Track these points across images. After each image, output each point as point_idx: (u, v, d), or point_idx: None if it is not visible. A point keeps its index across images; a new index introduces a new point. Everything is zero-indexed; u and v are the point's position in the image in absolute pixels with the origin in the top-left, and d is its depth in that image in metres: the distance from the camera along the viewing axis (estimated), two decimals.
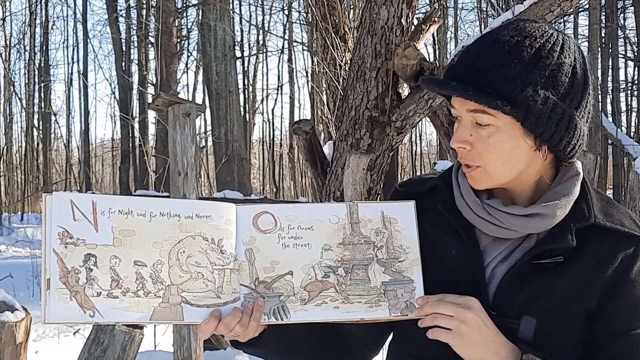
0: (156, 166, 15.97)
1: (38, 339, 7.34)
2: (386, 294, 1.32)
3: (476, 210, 1.37)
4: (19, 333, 2.92)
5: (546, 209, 1.33)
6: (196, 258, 1.30)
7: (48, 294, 1.21)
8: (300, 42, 22.89)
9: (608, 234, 1.35)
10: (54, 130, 27.50)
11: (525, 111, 1.26)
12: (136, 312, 1.24)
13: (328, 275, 1.32)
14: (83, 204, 1.26)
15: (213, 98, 16.04)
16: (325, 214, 1.35)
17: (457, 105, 1.33)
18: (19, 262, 13.13)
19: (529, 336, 1.31)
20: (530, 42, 1.28)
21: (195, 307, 1.28)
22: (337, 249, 1.33)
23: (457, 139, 1.34)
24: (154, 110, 5.14)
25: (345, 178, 4.17)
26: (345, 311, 1.31)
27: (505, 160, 1.31)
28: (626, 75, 23.41)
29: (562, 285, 1.32)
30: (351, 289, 1.31)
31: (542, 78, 1.27)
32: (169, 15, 17.57)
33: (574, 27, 21.90)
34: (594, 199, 1.39)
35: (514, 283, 1.33)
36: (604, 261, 1.33)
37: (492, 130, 1.30)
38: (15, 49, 25.76)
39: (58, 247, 1.23)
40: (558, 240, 1.33)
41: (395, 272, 1.33)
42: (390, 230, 1.35)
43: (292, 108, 26.21)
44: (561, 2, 3.97)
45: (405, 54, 4.01)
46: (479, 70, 1.28)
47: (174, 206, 1.31)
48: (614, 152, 16.33)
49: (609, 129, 10.02)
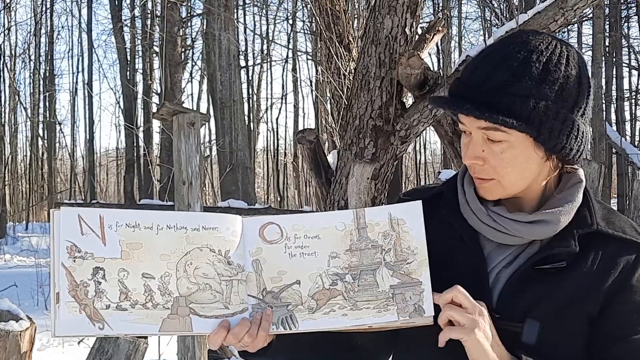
0: (161, 175, 16.01)
1: (43, 348, 7.35)
2: (394, 297, 1.31)
3: (481, 217, 1.39)
4: (24, 342, 2.91)
5: (550, 215, 1.35)
6: (204, 269, 1.31)
7: (57, 307, 1.22)
8: (305, 51, 23.00)
9: (610, 241, 1.37)
10: (58, 139, 27.61)
11: (538, 126, 1.29)
12: (145, 323, 1.25)
13: (336, 283, 1.32)
14: (90, 218, 1.27)
15: (217, 107, 16.05)
16: (331, 222, 1.35)
17: (467, 122, 1.35)
18: (24, 271, 13.14)
19: (532, 340, 1.33)
20: (537, 57, 1.30)
21: (204, 318, 1.29)
22: (344, 255, 1.33)
23: (470, 155, 1.36)
24: (159, 120, 5.15)
25: (349, 187, 4.17)
26: (353, 318, 1.30)
27: (518, 173, 1.34)
28: (630, 84, 23.45)
29: (565, 290, 1.34)
30: (359, 295, 1.31)
31: (552, 92, 1.29)
32: (173, 25, 17.64)
33: (578, 36, 21.93)
34: (596, 207, 1.41)
35: (518, 287, 1.35)
36: (606, 267, 1.35)
37: (505, 146, 1.32)
38: (21, 58, 25.93)
39: (67, 261, 1.24)
40: (561, 246, 1.35)
41: (404, 275, 1.32)
42: (398, 232, 1.34)
43: (296, 117, 26.25)
44: (565, 11, 3.97)
45: (409, 63, 4.01)
46: (489, 90, 1.30)
47: (181, 219, 1.32)
48: (618, 161, 16.31)
49: (613, 138, 10.03)
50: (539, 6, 4.11)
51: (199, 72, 25.25)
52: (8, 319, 2.96)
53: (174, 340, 5.48)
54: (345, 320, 1.30)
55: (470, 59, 1.40)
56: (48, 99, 25.70)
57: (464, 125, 1.36)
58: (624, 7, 20.14)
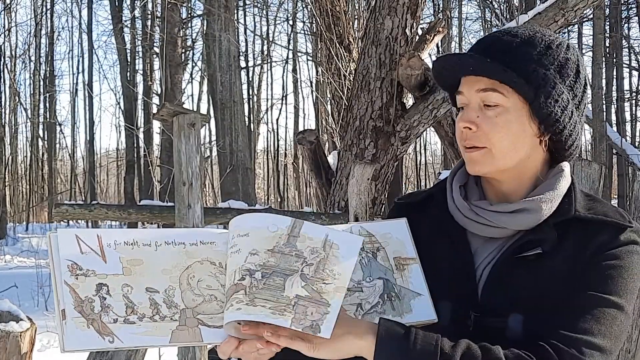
0: (161, 176, 16.02)
1: (43, 349, 7.34)
2: (295, 306, 1.25)
3: (465, 212, 1.41)
4: (24, 343, 2.91)
5: (531, 203, 1.35)
6: (207, 282, 1.31)
7: (64, 323, 1.21)
8: (305, 52, 23.00)
9: (589, 225, 1.35)
10: (59, 140, 27.63)
11: (536, 89, 1.31)
12: (155, 336, 1.25)
13: (244, 278, 1.28)
14: (88, 238, 1.28)
15: (218, 108, 16.06)
16: (265, 223, 1.33)
17: (466, 88, 1.37)
18: (24, 272, 13.14)
19: (518, 333, 1.31)
20: (541, 37, 1.37)
21: (213, 328, 1.29)
22: (264, 254, 1.30)
23: (464, 119, 1.37)
24: (159, 121, 5.15)
25: (349, 188, 4.17)
26: (245, 313, 1.25)
27: (510, 142, 1.34)
28: (630, 85, 23.48)
29: (544, 277, 1.33)
30: (260, 293, 1.27)
31: (552, 65, 1.34)
32: (173, 26, 17.64)
33: (578, 37, 21.95)
34: (579, 197, 1.41)
35: (499, 279, 1.36)
36: (582, 248, 1.33)
37: (500, 110, 1.33)
38: (21, 59, 25.93)
39: (69, 279, 1.24)
40: (538, 233, 1.35)
41: (315, 292, 1.27)
42: (328, 254, 1.30)
43: (296, 118, 26.25)
44: (565, 12, 3.97)
45: (409, 64, 4.02)
46: (495, 50, 1.35)
47: (178, 235, 1.34)
48: (619, 162, 16.31)
49: (614, 138, 10.03)
50: (540, 7, 4.12)
51: (199, 73, 25.28)
52: (8, 319, 2.96)
53: None
54: (237, 315, 1.26)
55: None
56: (48, 99, 25.71)
57: (463, 95, 1.38)
58: (625, 8, 20.17)
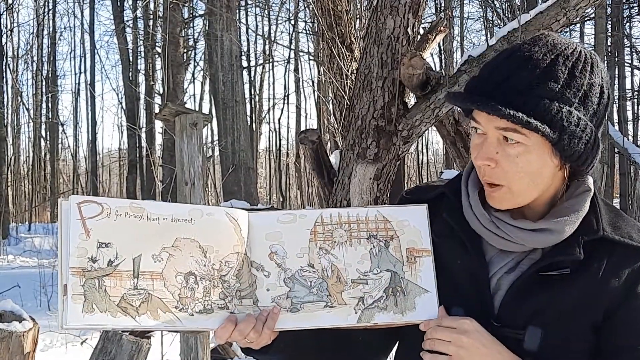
0: (163, 176, 16.00)
1: (45, 349, 7.35)
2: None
3: (484, 222, 1.35)
4: (27, 343, 2.92)
5: (555, 224, 1.31)
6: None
7: (65, 299, 1.20)
8: (307, 51, 22.96)
9: (616, 247, 1.33)
10: (61, 140, 27.63)
11: (560, 132, 1.24)
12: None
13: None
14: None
15: (220, 108, 16.05)
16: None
17: (484, 122, 1.29)
18: (27, 272, 13.13)
19: (534, 347, 1.30)
20: (564, 61, 1.27)
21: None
22: None
23: (482, 156, 1.30)
24: (161, 120, 5.15)
25: (352, 187, 4.17)
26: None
27: (530, 180, 1.29)
28: (632, 84, 23.41)
29: (569, 297, 1.31)
30: None
31: (576, 98, 1.26)
32: (175, 26, 17.64)
33: (580, 36, 21.90)
34: (603, 212, 1.37)
35: (520, 294, 1.33)
36: (611, 274, 1.31)
37: (522, 149, 1.27)
38: (23, 59, 25.94)
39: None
40: (566, 253, 1.31)
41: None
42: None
43: (298, 117, 26.23)
44: (567, 11, 3.97)
45: (411, 64, 4.01)
46: (512, 89, 1.25)
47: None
48: (621, 161, 16.30)
49: (616, 137, 10.00)
50: (541, 6, 4.11)
51: (201, 73, 25.26)
52: (11, 319, 2.97)
53: (177, 341, 5.47)
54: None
55: (490, 59, 1.34)
56: (50, 100, 25.72)
57: (479, 124, 1.30)
58: (626, 6, 20.14)
